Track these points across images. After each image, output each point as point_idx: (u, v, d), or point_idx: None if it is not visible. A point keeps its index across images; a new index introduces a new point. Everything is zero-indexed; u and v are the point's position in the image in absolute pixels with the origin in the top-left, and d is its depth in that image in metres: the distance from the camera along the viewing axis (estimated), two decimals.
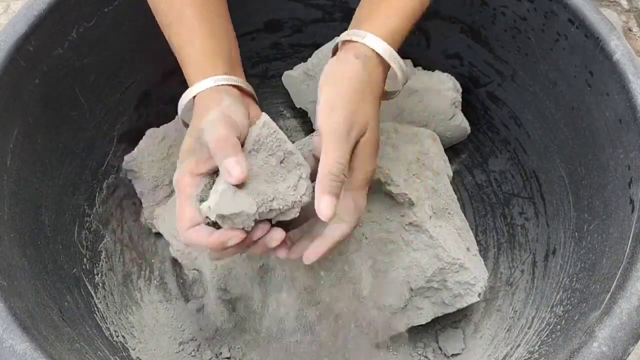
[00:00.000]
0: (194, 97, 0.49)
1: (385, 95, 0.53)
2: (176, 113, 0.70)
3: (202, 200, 0.44)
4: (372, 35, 0.47)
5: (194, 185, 0.44)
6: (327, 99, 0.45)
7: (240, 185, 0.42)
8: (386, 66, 0.48)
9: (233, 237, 0.43)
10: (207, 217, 0.43)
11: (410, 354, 0.66)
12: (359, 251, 0.61)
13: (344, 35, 0.49)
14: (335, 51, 0.51)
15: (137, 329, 0.65)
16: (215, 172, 0.45)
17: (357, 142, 0.45)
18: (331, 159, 0.42)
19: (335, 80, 0.46)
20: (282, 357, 0.65)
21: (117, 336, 0.61)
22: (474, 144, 0.79)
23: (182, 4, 0.51)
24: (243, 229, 0.43)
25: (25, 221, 0.55)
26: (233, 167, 0.41)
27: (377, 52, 0.47)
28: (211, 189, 0.44)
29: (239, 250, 0.46)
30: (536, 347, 0.54)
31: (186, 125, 0.54)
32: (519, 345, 0.59)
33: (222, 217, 0.42)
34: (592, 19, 0.56)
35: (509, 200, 0.74)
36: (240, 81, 0.50)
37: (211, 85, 0.48)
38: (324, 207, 0.42)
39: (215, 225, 0.43)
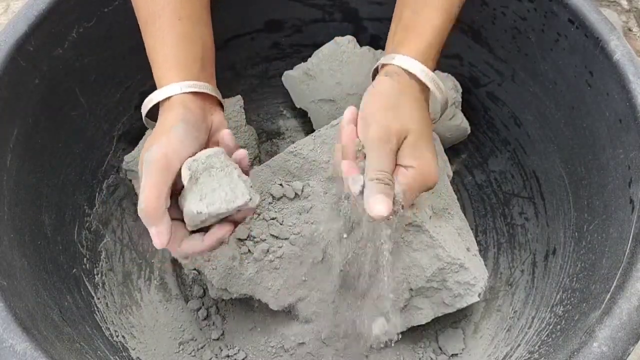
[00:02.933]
0: (160, 102, 0.49)
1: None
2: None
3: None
4: (400, 55, 0.49)
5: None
6: (362, 115, 0.49)
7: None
8: (423, 84, 0.50)
9: (227, 230, 0.46)
10: (194, 225, 0.45)
11: (410, 354, 0.66)
12: (360, 251, 0.61)
13: (380, 61, 0.51)
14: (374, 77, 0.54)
15: (137, 329, 0.65)
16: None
17: (402, 145, 0.47)
18: (371, 169, 0.45)
19: (368, 97, 0.49)
20: (282, 357, 0.65)
21: (117, 336, 0.62)
22: (474, 144, 0.79)
23: (160, 3, 0.51)
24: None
25: (25, 221, 0.55)
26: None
27: (404, 69, 0.49)
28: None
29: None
30: (536, 347, 0.54)
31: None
32: (519, 345, 0.59)
33: (216, 215, 0.45)
34: (592, 19, 0.56)
35: (509, 200, 0.74)
36: (208, 87, 0.50)
37: (177, 92, 0.48)
38: (372, 202, 0.44)
39: (197, 230, 0.46)
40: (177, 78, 0.49)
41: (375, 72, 0.53)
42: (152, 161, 0.45)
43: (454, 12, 0.52)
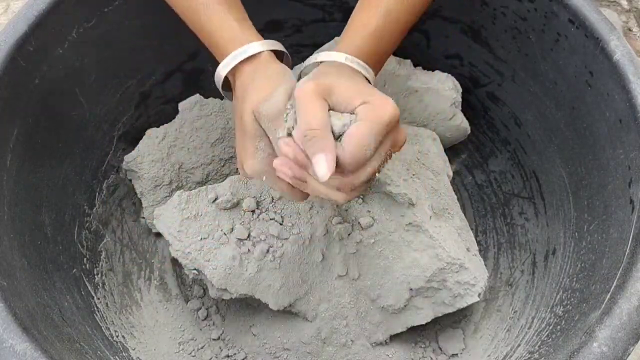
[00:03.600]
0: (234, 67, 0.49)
1: None
2: (176, 112, 0.71)
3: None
4: (336, 52, 0.49)
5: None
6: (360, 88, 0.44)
7: None
8: (350, 68, 0.48)
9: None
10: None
11: (410, 354, 0.66)
12: (359, 251, 0.61)
13: (306, 62, 0.51)
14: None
15: (137, 329, 0.65)
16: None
17: (334, 97, 0.43)
18: (298, 128, 0.42)
19: (345, 76, 0.46)
20: (282, 357, 0.65)
21: (117, 336, 0.61)
22: (474, 144, 0.79)
23: None
24: None
25: (25, 221, 0.55)
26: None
27: (335, 60, 0.48)
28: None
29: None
30: (536, 347, 0.54)
31: (229, 97, 0.54)
32: (519, 345, 0.59)
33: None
34: (592, 19, 0.56)
35: (509, 200, 0.74)
36: (280, 45, 0.52)
37: (260, 49, 0.49)
38: (314, 163, 0.41)
39: None
40: (256, 37, 0.50)
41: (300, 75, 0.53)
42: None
43: (388, 23, 0.51)
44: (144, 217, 0.73)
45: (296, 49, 0.79)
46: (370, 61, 0.50)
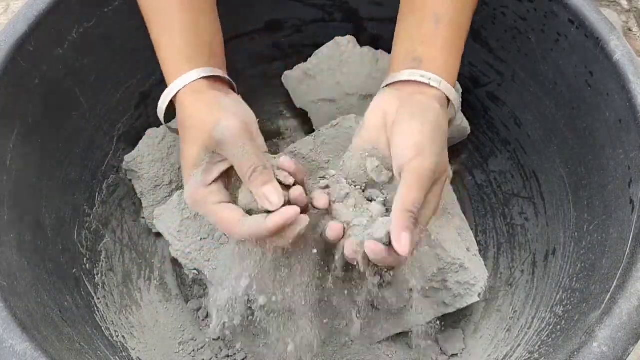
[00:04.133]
0: (175, 96, 0.49)
1: None
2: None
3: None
4: (446, 83, 0.48)
5: (212, 192, 0.45)
6: (417, 140, 0.45)
7: None
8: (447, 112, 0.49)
9: (295, 210, 0.44)
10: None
11: (410, 354, 0.66)
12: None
13: (413, 74, 0.48)
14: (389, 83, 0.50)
15: (137, 329, 0.65)
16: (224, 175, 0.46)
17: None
18: (412, 199, 0.43)
19: (420, 120, 0.45)
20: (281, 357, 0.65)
21: (117, 336, 0.61)
22: (474, 144, 0.79)
23: None
24: None
25: (25, 221, 0.55)
26: (271, 195, 0.44)
27: (450, 100, 0.48)
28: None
29: (294, 231, 0.46)
30: (536, 347, 0.54)
31: (174, 131, 0.53)
32: (519, 345, 0.59)
33: None
34: (592, 19, 0.56)
35: (509, 200, 0.74)
36: (221, 72, 0.50)
37: (192, 79, 0.48)
38: (404, 243, 0.42)
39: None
40: (189, 67, 0.49)
41: (391, 81, 0.50)
42: (233, 134, 0.44)
43: (466, 29, 0.51)
44: (144, 217, 0.73)
45: (296, 49, 0.79)
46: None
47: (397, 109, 0.47)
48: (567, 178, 0.63)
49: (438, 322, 0.64)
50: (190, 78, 0.48)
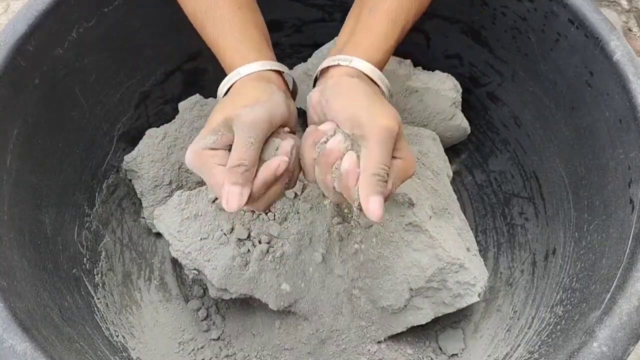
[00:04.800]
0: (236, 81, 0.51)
1: None
2: (176, 112, 0.71)
3: None
4: (358, 58, 0.50)
5: (215, 155, 0.46)
6: (351, 111, 0.46)
7: None
8: (376, 85, 0.51)
9: (283, 161, 0.46)
10: None
11: (410, 354, 0.66)
12: (359, 251, 0.61)
13: (327, 62, 0.51)
14: (315, 79, 0.53)
15: (137, 329, 0.65)
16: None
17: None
18: (375, 164, 0.44)
19: (348, 93, 0.47)
20: (282, 357, 0.65)
21: (117, 336, 0.61)
22: (474, 144, 0.79)
23: None
24: None
25: (25, 221, 0.55)
26: (233, 197, 0.45)
27: (364, 73, 0.50)
28: None
29: (283, 183, 0.48)
30: (536, 347, 0.54)
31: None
32: (519, 345, 0.59)
33: None
34: (592, 19, 0.56)
35: (509, 200, 0.74)
36: (284, 67, 0.53)
37: (259, 68, 0.50)
38: (372, 207, 0.43)
39: None
40: (254, 58, 0.51)
41: (317, 75, 0.53)
42: (249, 124, 0.45)
43: (401, 24, 0.53)
44: (144, 217, 0.73)
45: (296, 49, 0.79)
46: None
47: (321, 98, 0.49)
48: (567, 178, 0.63)
49: (438, 322, 0.64)
50: (253, 68, 0.51)
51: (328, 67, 0.51)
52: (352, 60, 0.50)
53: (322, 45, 0.74)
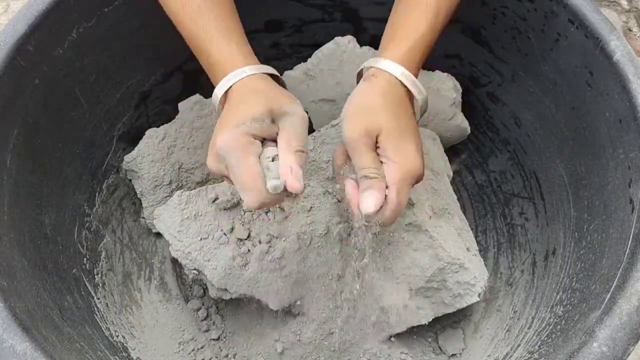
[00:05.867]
0: (229, 88, 0.51)
1: None
2: (176, 112, 0.71)
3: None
4: (383, 59, 0.51)
5: (253, 143, 0.47)
6: (344, 113, 0.50)
7: None
8: (405, 87, 0.52)
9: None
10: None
11: (410, 354, 0.66)
12: (359, 251, 0.61)
13: (370, 62, 0.53)
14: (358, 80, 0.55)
15: (137, 329, 0.65)
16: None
17: (379, 142, 0.48)
18: (357, 167, 0.48)
19: (347, 102, 0.51)
20: (281, 357, 0.65)
21: (117, 336, 0.62)
22: (474, 144, 0.79)
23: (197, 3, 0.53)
24: None
25: (25, 221, 0.55)
26: (294, 179, 0.45)
27: (390, 73, 0.51)
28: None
29: None
30: (536, 347, 0.54)
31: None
32: (519, 345, 0.59)
33: None
34: (592, 19, 0.56)
35: (509, 200, 0.74)
36: (271, 69, 0.54)
37: (249, 73, 0.51)
38: (363, 197, 0.47)
39: None
40: (246, 62, 0.52)
41: (360, 74, 0.55)
42: (300, 119, 0.48)
43: (438, 23, 0.54)
44: (144, 217, 0.73)
45: (296, 49, 0.79)
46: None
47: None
48: (567, 178, 0.63)
49: (438, 322, 0.64)
50: (253, 70, 0.51)
51: (369, 67, 0.52)
52: (379, 61, 0.51)
53: (322, 45, 0.74)
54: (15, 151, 0.55)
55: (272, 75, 0.53)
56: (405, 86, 0.51)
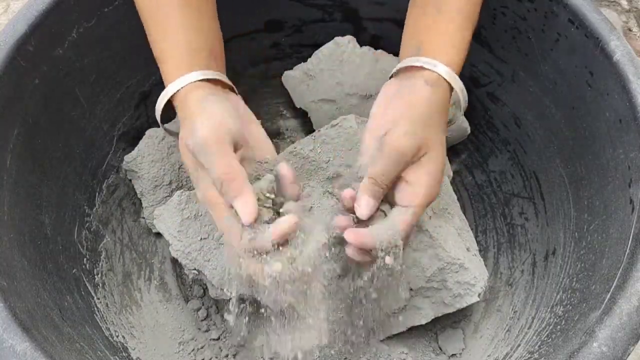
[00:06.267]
0: (173, 96, 0.49)
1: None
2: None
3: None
4: (442, 64, 0.49)
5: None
6: (397, 120, 0.47)
7: None
8: (450, 92, 0.50)
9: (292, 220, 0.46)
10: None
11: (410, 354, 0.66)
12: None
13: (411, 61, 0.50)
14: (392, 74, 0.52)
15: (137, 329, 0.65)
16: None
17: (418, 158, 0.47)
18: (375, 171, 0.46)
19: (405, 102, 0.48)
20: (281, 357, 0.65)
21: (117, 336, 0.62)
22: (474, 144, 0.79)
23: None
24: None
25: (25, 221, 0.55)
26: (243, 209, 0.44)
27: (447, 80, 0.49)
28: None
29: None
30: (536, 347, 0.54)
31: (171, 134, 0.54)
32: (519, 345, 0.59)
33: None
34: (592, 19, 0.56)
35: (509, 200, 0.74)
36: (220, 75, 0.50)
37: (191, 80, 0.48)
38: (362, 204, 0.46)
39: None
40: (189, 69, 0.48)
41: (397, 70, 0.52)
42: (204, 144, 0.44)
43: (475, 19, 0.53)
44: (144, 217, 0.73)
45: (296, 49, 0.79)
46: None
47: (394, 93, 0.49)
48: (567, 178, 0.63)
49: (438, 322, 0.64)
50: (190, 79, 0.48)
51: (410, 67, 0.49)
52: (437, 65, 0.48)
53: (322, 45, 0.74)
54: (15, 151, 0.55)
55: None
56: (452, 94, 0.50)
